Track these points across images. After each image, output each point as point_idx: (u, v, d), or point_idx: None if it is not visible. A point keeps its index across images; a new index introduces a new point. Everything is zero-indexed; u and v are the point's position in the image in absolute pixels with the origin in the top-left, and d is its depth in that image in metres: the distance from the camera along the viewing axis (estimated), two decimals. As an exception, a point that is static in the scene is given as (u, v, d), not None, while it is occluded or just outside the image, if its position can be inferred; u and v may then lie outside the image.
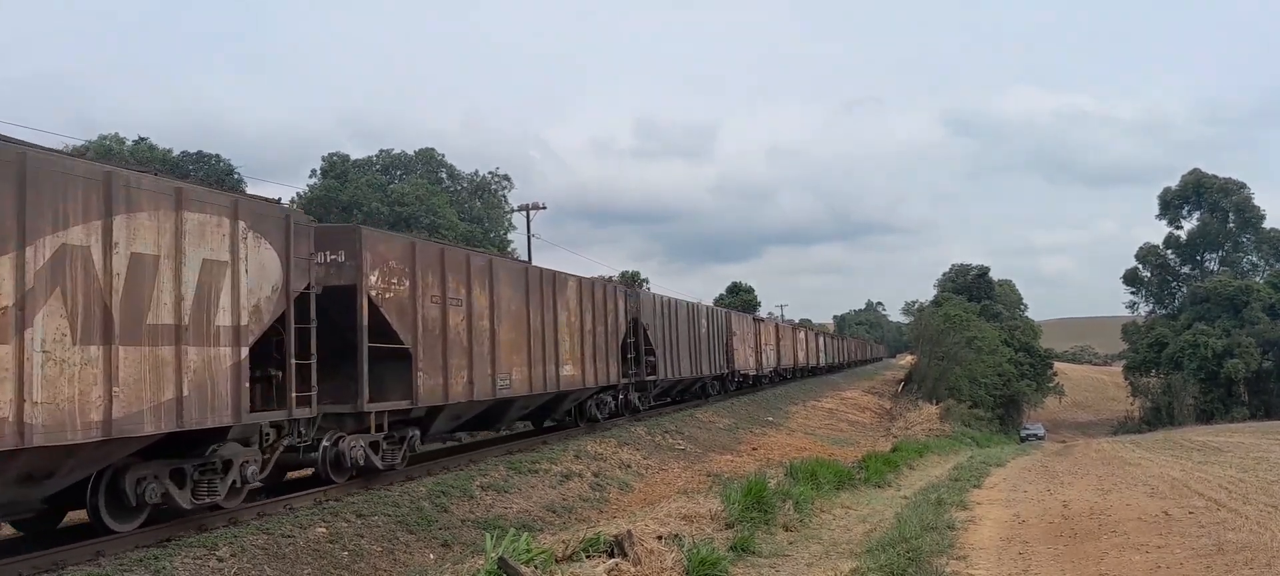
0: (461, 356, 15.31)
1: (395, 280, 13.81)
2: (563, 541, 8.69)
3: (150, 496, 9.91)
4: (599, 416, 22.65)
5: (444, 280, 14.99)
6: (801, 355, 59.34)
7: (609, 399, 23.37)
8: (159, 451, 10.03)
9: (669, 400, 30.83)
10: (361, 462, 13.25)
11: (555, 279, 19.77)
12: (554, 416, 21.66)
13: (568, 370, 19.85)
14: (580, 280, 21.67)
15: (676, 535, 9.57)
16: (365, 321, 13.14)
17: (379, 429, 13.68)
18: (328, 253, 12.83)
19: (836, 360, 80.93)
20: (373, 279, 13.33)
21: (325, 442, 12.72)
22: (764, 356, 44.59)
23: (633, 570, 8.06)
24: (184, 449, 10.31)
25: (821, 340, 74.79)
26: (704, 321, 32.92)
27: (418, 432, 14.92)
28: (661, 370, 26.67)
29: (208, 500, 10.59)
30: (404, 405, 13.92)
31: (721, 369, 35.37)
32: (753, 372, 42.08)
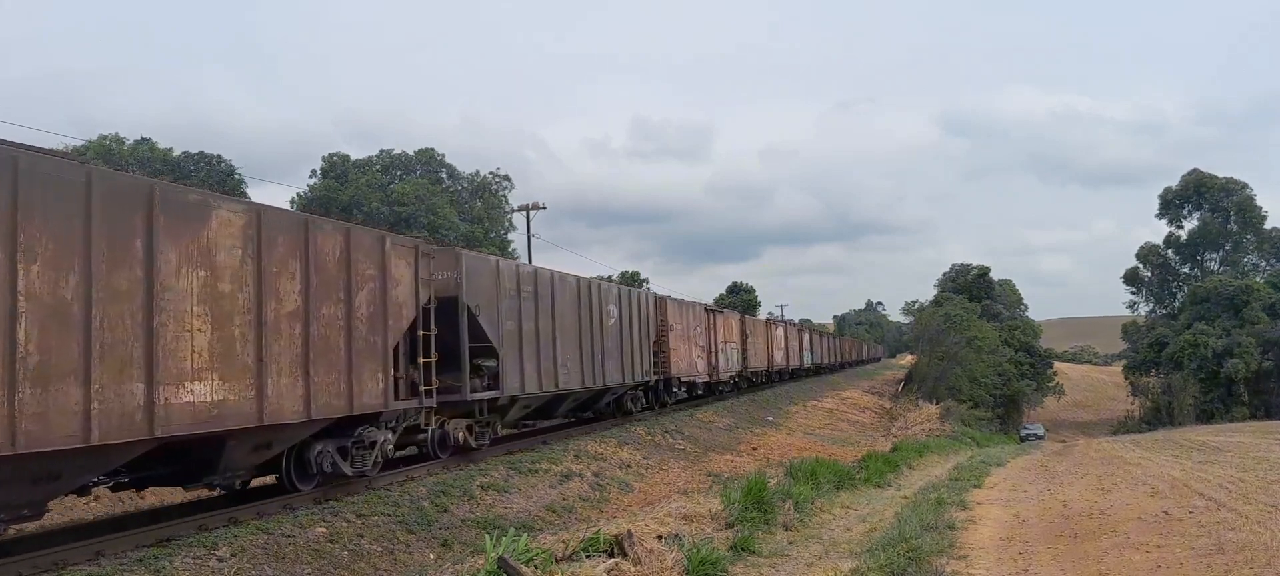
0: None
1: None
2: (563, 541, 8.70)
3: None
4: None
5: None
6: (779, 355, 50.06)
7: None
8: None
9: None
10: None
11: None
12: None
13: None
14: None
15: (676, 535, 9.57)
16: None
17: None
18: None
19: (828, 360, 73.94)
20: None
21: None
22: (722, 358, 35.42)
23: (633, 570, 8.06)
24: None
25: (807, 338, 65.32)
26: (613, 309, 23.17)
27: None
28: (509, 379, 17.32)
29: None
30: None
31: (644, 375, 25.37)
32: (704, 379, 32.88)
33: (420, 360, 14.13)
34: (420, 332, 14.13)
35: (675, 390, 29.10)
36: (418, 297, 14.02)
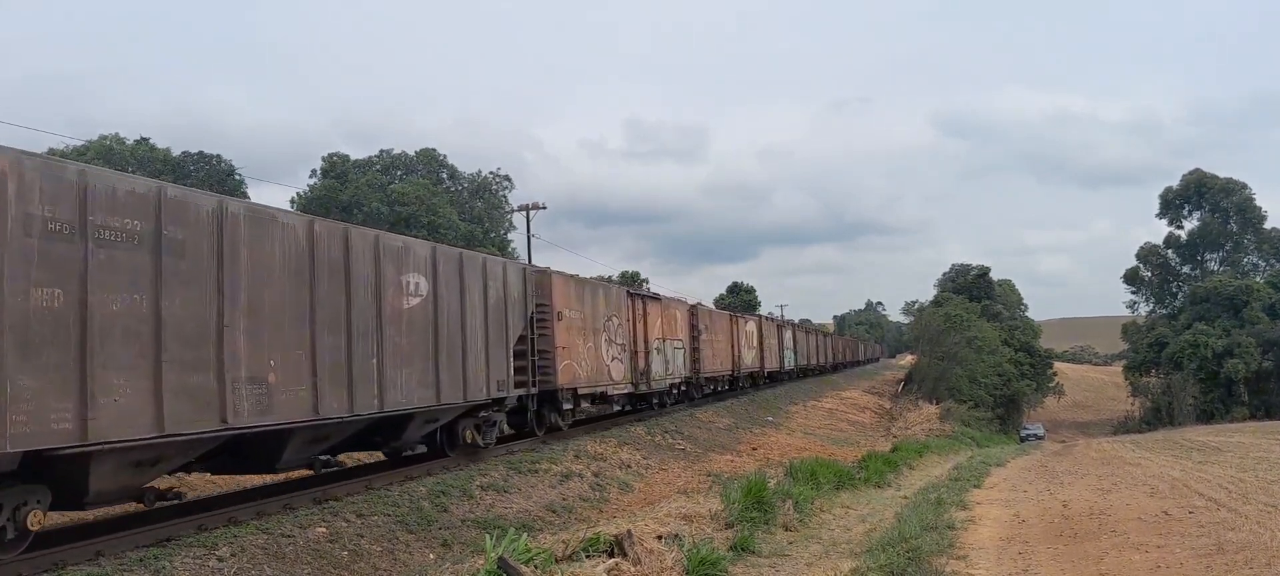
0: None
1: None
2: (563, 541, 8.70)
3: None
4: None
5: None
6: (751, 356, 41.43)
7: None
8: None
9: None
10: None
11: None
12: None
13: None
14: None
15: (676, 535, 9.57)
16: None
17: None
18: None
19: (818, 361, 66.07)
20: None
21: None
22: (657, 360, 26.78)
23: (633, 570, 8.07)
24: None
25: (789, 336, 55.06)
26: (418, 281, 13.74)
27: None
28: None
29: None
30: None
31: (499, 389, 16.36)
32: (624, 390, 24.14)
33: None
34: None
35: (567, 408, 20.54)
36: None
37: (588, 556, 8.26)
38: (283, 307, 10.83)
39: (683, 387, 30.48)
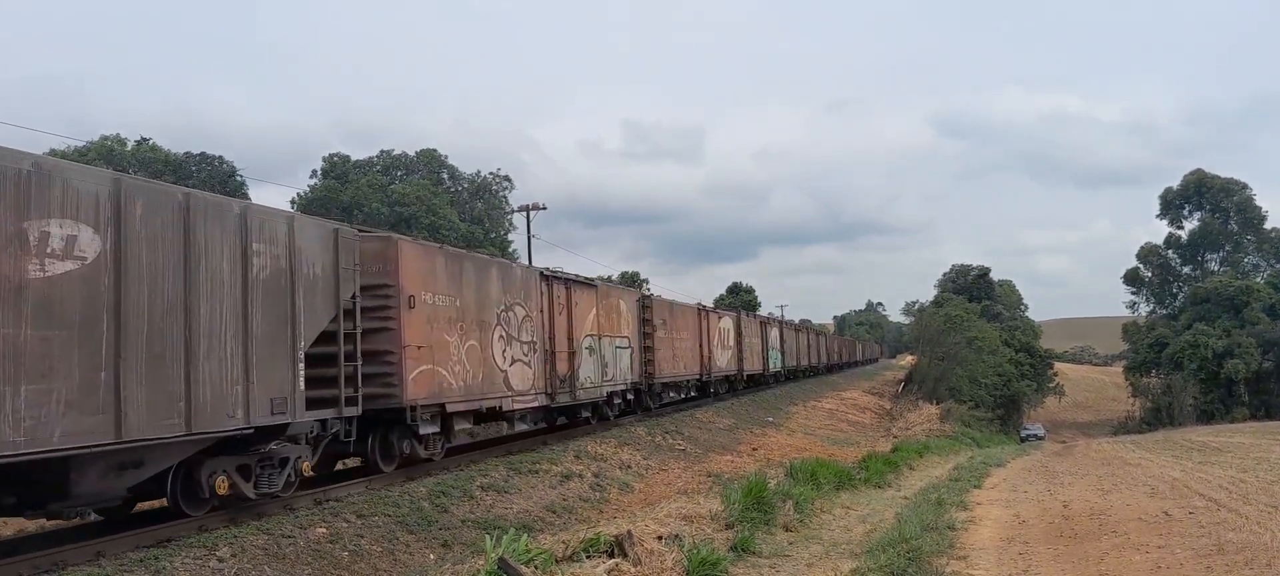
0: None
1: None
2: (563, 541, 8.71)
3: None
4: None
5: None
6: (725, 358, 35.79)
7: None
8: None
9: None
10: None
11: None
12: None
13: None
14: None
15: (676, 535, 9.57)
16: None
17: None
18: None
19: (809, 362, 59.96)
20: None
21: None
22: (596, 364, 22.12)
23: (633, 570, 8.07)
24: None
25: (778, 335, 49.42)
26: (164, 234, 9.51)
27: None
28: None
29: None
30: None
31: (272, 411, 10.87)
32: (529, 404, 18.43)
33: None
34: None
35: (431, 432, 15.20)
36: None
37: (588, 557, 8.26)
38: None
39: (630, 396, 25.05)
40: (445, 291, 15.43)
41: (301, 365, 11.35)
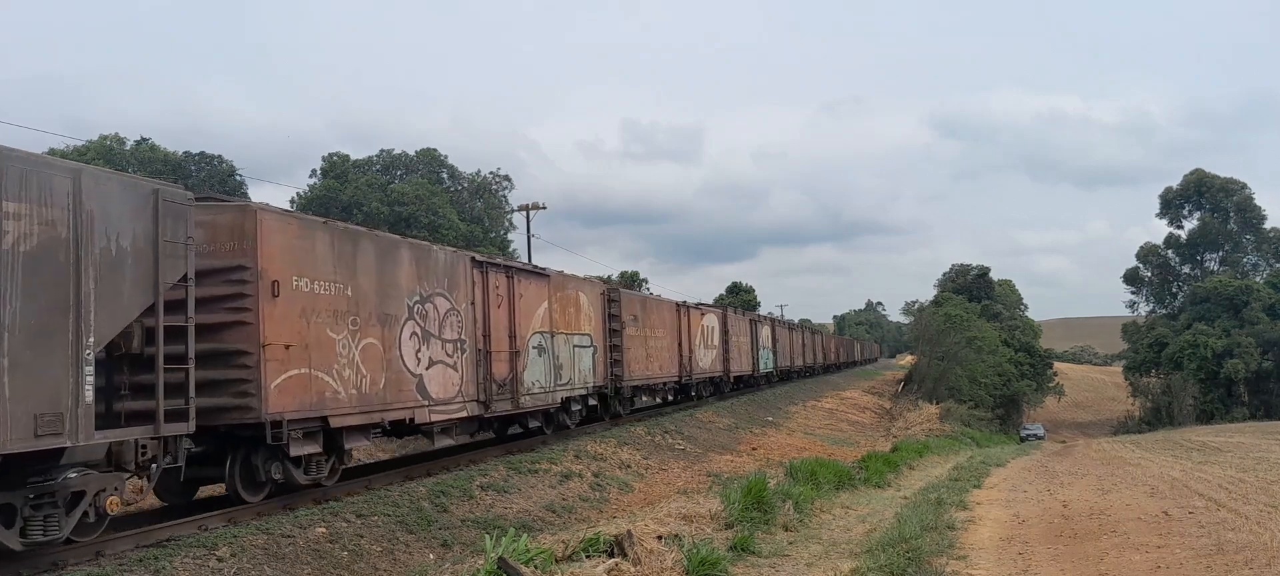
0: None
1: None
2: (563, 541, 8.71)
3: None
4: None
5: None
6: (709, 359, 33.56)
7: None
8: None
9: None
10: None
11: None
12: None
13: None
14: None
15: (676, 535, 9.58)
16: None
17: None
18: None
19: (804, 363, 57.12)
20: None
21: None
22: (547, 366, 19.52)
23: (633, 570, 8.07)
24: None
25: (770, 333, 46.99)
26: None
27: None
28: None
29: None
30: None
31: (37, 432, 7.87)
32: (465, 415, 15.96)
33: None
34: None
35: (310, 453, 12.30)
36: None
37: (588, 556, 8.27)
38: None
39: (594, 402, 22.57)
40: (330, 277, 12.42)
41: (89, 370, 8.41)
